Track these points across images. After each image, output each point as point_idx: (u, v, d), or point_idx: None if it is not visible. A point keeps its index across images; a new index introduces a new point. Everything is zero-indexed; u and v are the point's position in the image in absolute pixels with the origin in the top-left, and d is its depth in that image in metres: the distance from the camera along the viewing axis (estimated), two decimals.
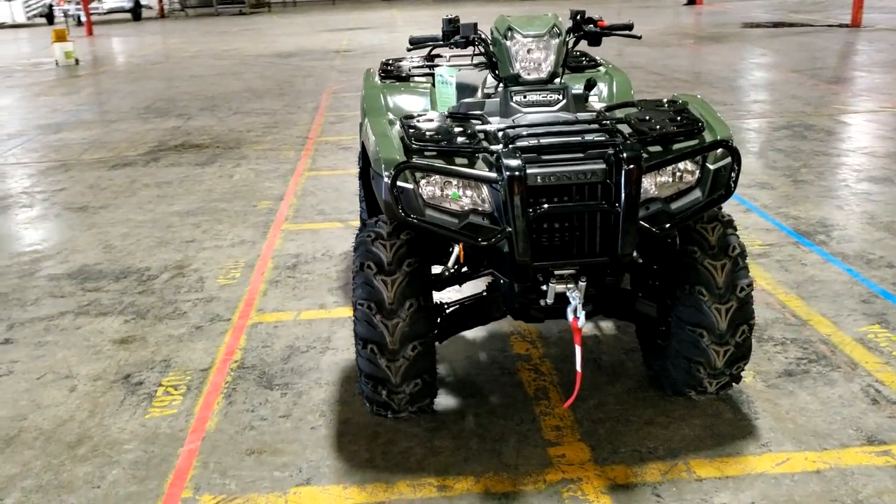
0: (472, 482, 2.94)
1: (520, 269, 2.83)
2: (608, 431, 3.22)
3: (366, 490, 2.92)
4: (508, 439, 3.19)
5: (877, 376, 3.53)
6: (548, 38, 3.20)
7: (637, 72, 12.77)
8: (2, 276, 5.15)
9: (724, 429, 3.21)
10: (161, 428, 3.37)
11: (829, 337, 3.90)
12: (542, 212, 2.74)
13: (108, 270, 5.19)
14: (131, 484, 3.01)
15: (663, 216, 2.86)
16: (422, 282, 3.05)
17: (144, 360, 3.97)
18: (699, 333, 3.07)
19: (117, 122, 10.46)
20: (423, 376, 3.07)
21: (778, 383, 3.52)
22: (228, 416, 3.44)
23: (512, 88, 3.20)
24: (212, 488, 2.97)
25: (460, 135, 2.91)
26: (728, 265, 3.06)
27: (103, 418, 3.46)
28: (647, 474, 2.95)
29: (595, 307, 3.14)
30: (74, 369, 3.90)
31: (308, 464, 3.09)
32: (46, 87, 13.98)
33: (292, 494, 2.92)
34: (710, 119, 3.04)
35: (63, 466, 3.14)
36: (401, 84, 4.27)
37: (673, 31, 18.60)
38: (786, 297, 4.36)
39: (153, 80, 14.43)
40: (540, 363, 3.78)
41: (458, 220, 2.84)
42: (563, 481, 2.93)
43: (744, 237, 5.18)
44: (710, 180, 2.89)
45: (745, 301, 3.07)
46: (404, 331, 2.98)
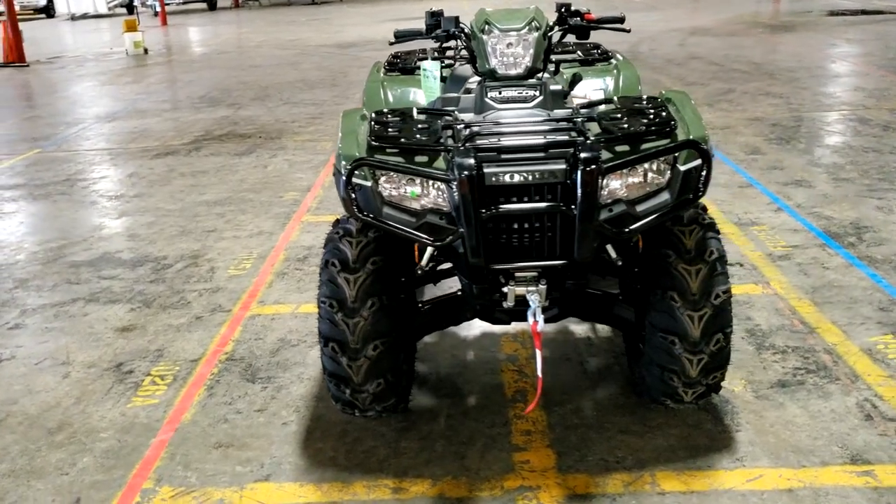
0: (428, 485, 2.89)
1: (474, 271, 2.76)
2: (579, 438, 3.13)
3: (321, 489, 2.90)
4: (476, 442, 3.13)
5: (877, 390, 3.34)
6: (525, 32, 3.09)
7: (696, 62, 12.43)
8: (27, 262, 5.32)
9: (701, 440, 3.08)
10: (139, 417, 3.42)
11: (834, 346, 3.71)
12: (496, 213, 2.67)
13: (126, 259, 5.30)
14: (98, 472, 3.06)
15: (628, 218, 2.74)
16: (387, 280, 3.01)
17: (140, 349, 4.04)
18: (671, 340, 2.94)
19: (170, 111, 10.70)
20: (386, 376, 3.03)
21: (769, 394, 3.36)
22: (206, 408, 3.47)
23: (487, 84, 3.12)
24: (172, 480, 2.99)
25: (423, 132, 2.85)
26: (704, 270, 2.92)
27: (87, 406, 3.53)
28: (609, 485, 2.85)
29: (563, 310, 3.05)
30: (72, 356, 4.00)
31: (271, 460, 3.09)
32: (112, 77, 14.41)
33: (248, 490, 2.92)
34: (687, 118, 2.90)
35: (39, 452, 3.21)
36: (404, 77, 4.21)
37: (745, 20, 18.04)
38: (798, 303, 4.16)
39: (214, 69, 14.72)
40: (525, 364, 3.69)
41: (416, 220, 2.78)
42: (520, 488, 2.85)
43: (768, 238, 4.99)
44: (679, 182, 2.76)
45: (722, 308, 2.93)
46: (366, 330, 2.95)
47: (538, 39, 3.11)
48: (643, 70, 12.04)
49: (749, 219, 5.43)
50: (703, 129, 2.83)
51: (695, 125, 2.85)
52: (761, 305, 4.15)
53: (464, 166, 2.62)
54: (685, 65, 12.28)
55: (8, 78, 14.96)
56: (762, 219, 5.42)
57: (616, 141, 2.74)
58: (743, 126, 8.12)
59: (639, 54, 13.70)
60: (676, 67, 12.08)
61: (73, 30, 27.02)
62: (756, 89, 9.99)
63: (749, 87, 10.18)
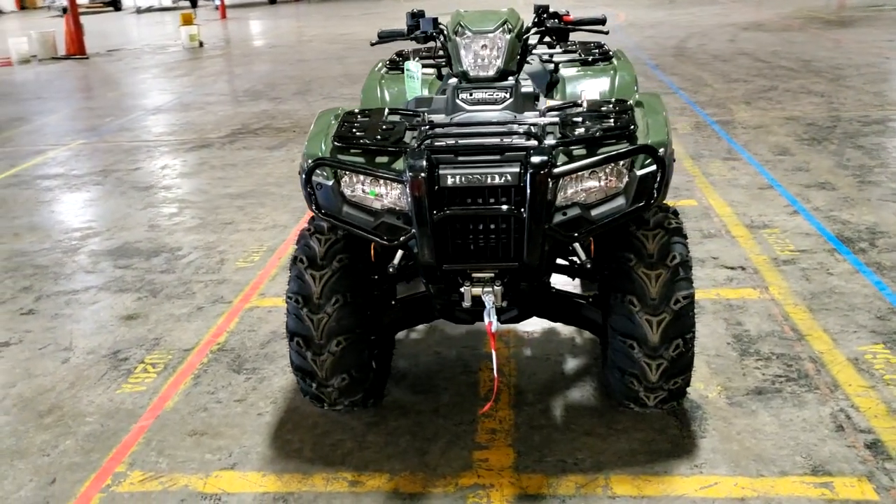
0: (385, 480, 2.95)
1: (428, 271, 2.81)
2: (542, 438, 3.15)
3: (282, 479, 2.99)
4: (440, 439, 3.17)
5: (854, 401, 3.27)
6: (498, 34, 3.12)
7: (743, 58, 12.19)
8: (50, 250, 5.54)
9: (663, 445, 3.06)
10: (125, 403, 3.56)
11: (821, 355, 3.64)
12: (446, 214, 2.70)
13: (144, 249, 5.48)
14: (77, 455, 3.20)
15: (582, 222, 2.75)
16: (354, 278, 3.07)
17: (139, 337, 4.19)
18: (630, 345, 2.93)
19: (214, 104, 10.95)
20: (350, 371, 3.09)
21: (742, 401, 3.32)
22: (189, 396, 3.59)
23: (459, 85, 3.15)
24: (144, 465, 3.11)
25: (386, 133, 2.90)
26: (665, 275, 2.90)
27: (79, 390, 3.69)
28: (561, 486, 2.86)
29: (523, 311, 3.07)
30: (75, 342, 4.17)
31: (240, 449, 3.18)
32: (165, 69, 14.80)
33: (213, 477, 3.02)
34: (652, 123, 2.89)
35: (26, 433, 3.37)
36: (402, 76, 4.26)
37: (805, 15, 17.59)
38: (793, 309, 4.09)
39: (263, 63, 14.99)
40: (505, 363, 3.72)
41: (374, 219, 2.83)
42: (474, 486, 2.89)
43: (777, 242, 4.91)
44: (634, 187, 2.75)
45: (682, 314, 2.90)
46: (330, 326, 3.01)
47: (511, 41, 3.13)
48: (687, 66, 11.91)
49: (762, 221, 5.34)
50: (664, 135, 2.82)
51: (657, 130, 2.84)
52: (754, 311, 4.09)
53: (415, 167, 2.66)
54: (731, 61, 12.05)
55: (67, 70, 15.49)
56: (775, 222, 5.32)
57: (570, 145, 2.75)
58: (777, 125, 7.95)
59: (685, 50, 13.50)
60: (721, 63, 11.86)
61: (138, 23, 27.78)
62: (799, 87, 9.76)
63: (792, 84, 9.95)
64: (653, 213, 3.04)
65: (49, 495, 2.96)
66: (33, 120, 10.49)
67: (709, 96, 9.57)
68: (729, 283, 4.44)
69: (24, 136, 9.48)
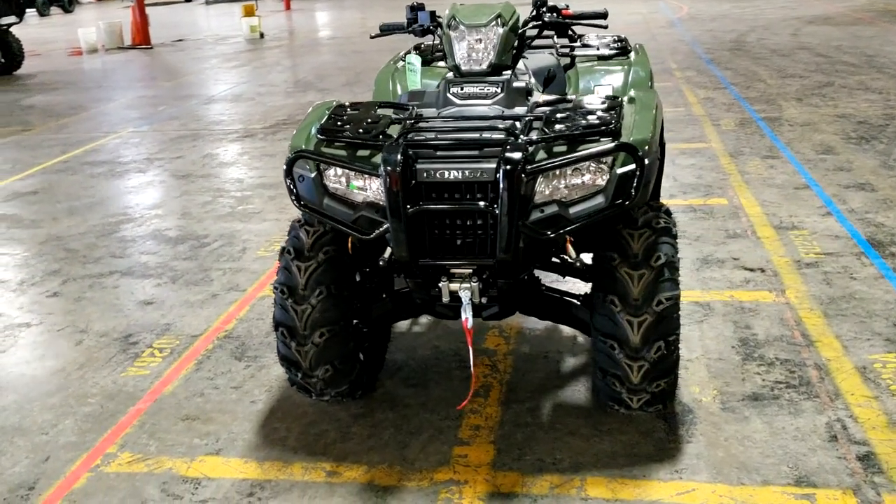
0: (362, 472, 2.97)
1: (403, 265, 2.81)
2: (525, 437, 3.12)
3: (262, 467, 3.03)
4: (422, 433, 3.18)
5: (854, 411, 3.16)
6: (491, 28, 3.09)
7: (803, 53, 11.83)
8: (84, 235, 5.71)
9: (646, 448, 3.01)
10: (127, 386, 3.65)
11: (827, 362, 3.52)
12: (420, 209, 2.69)
13: (172, 236, 5.61)
14: (74, 435, 3.30)
15: (560, 220, 2.71)
16: (340, 270, 3.09)
17: (151, 321, 4.30)
18: (611, 345, 2.89)
19: (264, 95, 11.13)
20: (333, 363, 3.12)
21: (736, 407, 3.23)
22: (189, 381, 3.66)
23: (451, 79, 3.14)
24: (134, 447, 3.19)
25: (371, 126, 2.90)
26: (648, 276, 2.84)
27: (87, 372, 3.80)
28: (535, 486, 2.84)
29: (505, 308, 3.04)
30: (91, 325, 4.30)
31: (228, 435, 3.24)
32: (223, 60, 15.08)
33: (197, 462, 3.08)
34: (639, 120, 2.83)
35: (31, 411, 3.49)
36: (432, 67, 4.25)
37: (877, 8, 16.96)
38: (807, 314, 3.96)
39: (318, 54, 15.16)
40: (502, 360, 3.70)
41: (354, 213, 2.85)
42: (449, 482, 2.88)
43: (804, 244, 4.77)
44: (614, 186, 2.69)
45: (664, 316, 2.84)
46: (314, 317, 3.04)
47: (504, 35, 3.10)
48: (742, 60, 11.61)
49: (792, 222, 5.18)
50: (648, 133, 2.76)
51: (641, 128, 2.78)
52: (766, 314, 3.98)
53: (389, 161, 2.67)
54: (790, 56, 11.71)
55: (130, 60, 15.92)
56: (805, 223, 5.15)
57: (547, 141, 2.71)
58: (826, 123, 7.69)
59: (744, 44, 13.16)
60: (780, 58, 11.53)
61: (206, 14, 28.35)
62: (857, 84, 9.42)
63: (850, 81, 9.61)
64: (642, 211, 2.98)
65: (41, 472, 3.07)
66: (91, 108, 10.82)
67: (760, 92, 9.32)
68: (745, 284, 4.32)
69: (81, 124, 9.79)
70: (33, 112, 10.77)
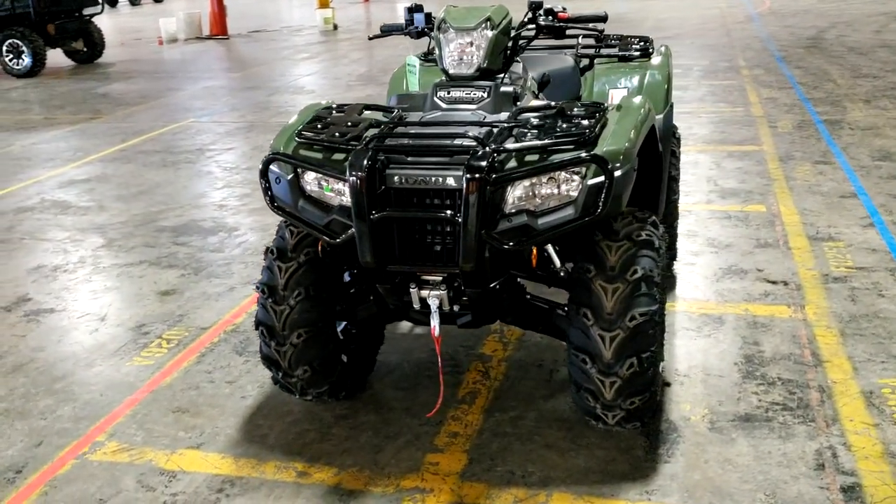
0: (331, 474, 2.98)
1: (369, 271, 2.79)
2: (501, 447, 3.08)
3: (237, 463, 3.07)
4: (399, 438, 3.17)
5: (849, 438, 3.00)
6: (480, 31, 3.05)
7: (883, 51, 11.31)
8: (124, 224, 5.90)
9: (622, 466, 2.93)
10: (129, 376, 3.76)
11: (833, 384, 3.35)
12: (384, 215, 2.68)
13: (205, 227, 5.73)
14: (69, 422, 3.41)
15: (528, 231, 2.65)
16: (321, 272, 3.10)
17: (166, 312, 4.40)
18: (583, 359, 2.81)
19: (326, 87, 11.27)
20: (312, 364, 3.13)
21: (725, 427, 3.11)
22: (187, 374, 3.74)
23: (439, 83, 3.11)
24: (122, 437, 3.28)
25: (349, 129, 2.90)
26: (623, 290, 2.76)
27: (95, 360, 3.92)
28: (499, 499, 2.79)
29: (479, 317, 2.99)
30: (109, 314, 4.43)
31: (212, 429, 3.30)
32: (294, 52, 15.33)
33: (177, 455, 3.14)
34: (616, 129, 2.75)
35: (36, 396, 3.63)
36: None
37: None
38: (823, 332, 3.78)
39: (388, 48, 15.21)
40: (495, 366, 3.65)
41: (326, 216, 2.85)
42: (414, 489, 2.87)
43: (836, 256, 4.57)
44: (584, 197, 2.62)
45: (638, 332, 2.75)
46: (293, 318, 3.06)
47: (493, 39, 3.06)
48: (816, 59, 11.16)
49: (829, 233, 4.96)
50: (622, 144, 2.67)
51: (616, 138, 2.70)
52: (779, 330, 3.81)
53: (355, 165, 2.66)
54: (868, 54, 11.20)
55: (205, 50, 16.35)
56: (843, 234, 4.92)
57: (518, 151, 2.66)
58: (891, 128, 7.33)
59: (821, 41, 12.65)
60: (856, 57, 11.04)
61: (289, 5, 28.86)
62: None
63: None
64: (626, 222, 2.90)
65: (31, 457, 3.18)
66: (159, 97, 11.15)
67: (826, 93, 8.94)
68: (763, 298, 4.16)
69: (146, 113, 10.10)
70: (105, 100, 11.17)
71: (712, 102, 8.84)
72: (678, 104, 8.78)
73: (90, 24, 14.66)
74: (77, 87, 12.40)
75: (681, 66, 11.10)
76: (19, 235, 5.76)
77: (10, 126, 9.76)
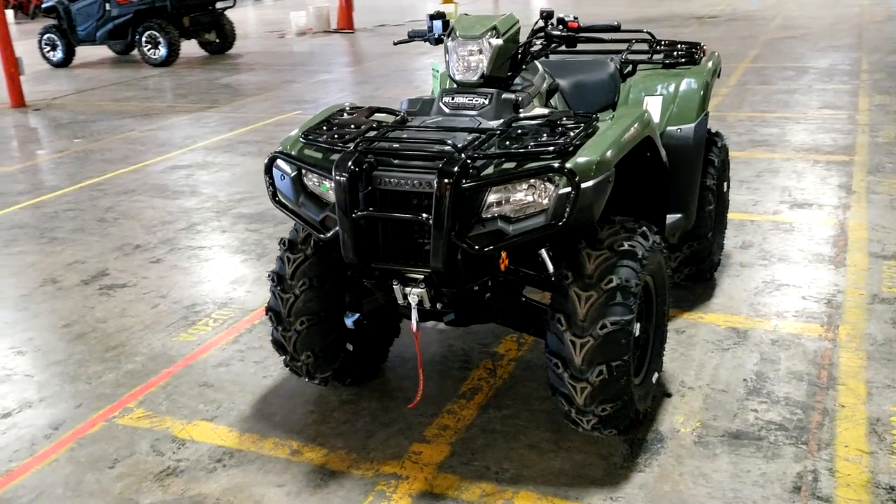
0: (322, 454, 3.17)
1: (353, 267, 2.96)
2: (485, 443, 3.18)
3: (241, 437, 3.32)
4: (393, 426, 3.32)
5: (836, 464, 2.92)
6: (485, 40, 3.15)
7: None
8: (207, 210, 6.32)
9: (595, 472, 2.97)
10: (172, 350, 4.09)
11: (840, 408, 3.26)
12: (364, 214, 2.83)
13: (278, 216, 6.04)
14: (109, 387, 3.77)
15: (499, 236, 2.74)
16: (328, 264, 3.29)
17: (222, 294, 4.73)
18: (555, 363, 2.88)
19: (430, 84, 11.50)
20: (314, 350, 3.32)
21: (712, 442, 3.09)
22: (223, 352, 4.03)
23: (446, 88, 3.24)
24: (149, 405, 3.60)
25: (349, 131, 3.07)
26: (597, 298, 2.80)
27: (147, 333, 4.28)
28: (467, 492, 2.90)
29: (464, 316, 3.10)
30: (171, 292, 4.81)
31: (229, 404, 3.56)
32: (412, 46, 15.64)
33: (191, 425, 3.42)
34: (598, 140, 2.79)
35: (88, 363, 4.01)
36: None
37: None
38: (848, 354, 3.65)
39: None
40: (504, 365, 3.75)
41: (322, 213, 3.03)
42: (391, 475, 3.02)
43: (893, 276, 4.38)
44: (553, 205, 2.68)
45: (609, 340, 2.79)
46: (297, 306, 3.27)
47: (499, 47, 3.15)
48: None
49: (894, 251, 4.73)
50: (596, 155, 2.72)
51: (593, 150, 2.74)
52: (802, 349, 3.71)
53: (338, 166, 2.83)
54: None
55: (330, 43, 16.95)
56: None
57: (490, 158, 2.75)
58: None
59: None
60: None
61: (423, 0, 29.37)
62: None
63: None
64: (612, 231, 2.94)
65: (69, 416, 3.54)
66: (275, 89, 11.72)
67: None
68: (798, 315, 4.04)
69: (259, 104, 10.66)
70: (225, 91, 11.85)
71: (817, 107, 8.47)
72: (780, 109, 8.52)
73: (222, 17, 15.53)
74: (203, 77, 13.20)
75: (795, 69, 10.67)
76: (115, 215, 6.28)
77: (137, 112, 10.54)
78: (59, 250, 5.57)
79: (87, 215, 6.32)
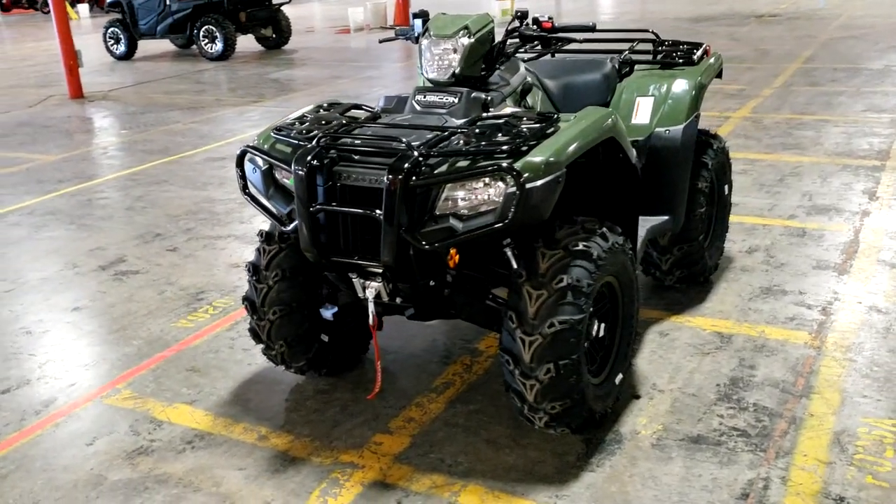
0: (286, 441, 3.26)
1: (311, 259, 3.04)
2: (445, 436, 3.23)
3: (215, 421, 3.43)
4: (360, 416, 3.40)
5: (791, 473, 2.89)
6: (457, 39, 3.20)
7: None
8: (231, 201, 6.49)
9: (547, 469, 3.00)
10: (168, 335, 4.24)
11: (808, 417, 3.21)
12: (320, 208, 2.90)
13: None
14: (104, 368, 3.93)
15: (451, 233, 2.78)
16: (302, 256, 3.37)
17: (227, 282, 4.88)
18: (506, 360, 2.91)
19: None
20: (286, 339, 3.42)
21: (669, 446, 3.08)
22: (216, 338, 4.17)
23: (420, 87, 3.29)
24: (136, 387, 3.75)
25: (319, 127, 3.15)
26: (547, 297, 2.82)
27: (148, 318, 4.45)
28: (417, 483, 2.96)
29: (424, 311, 3.15)
30: (180, 280, 4.97)
31: (210, 389, 3.69)
32: None
33: (171, 408, 3.56)
34: (550, 141, 2.81)
35: (91, 344, 4.19)
36: None
37: None
38: (830, 363, 3.58)
39: None
40: (482, 361, 3.78)
41: (288, 206, 3.12)
42: (348, 464, 3.09)
43: (894, 285, 4.27)
44: (502, 204, 2.71)
45: (557, 339, 2.81)
46: (270, 297, 3.37)
47: (470, 46, 3.20)
48: None
49: None
50: (545, 155, 2.74)
51: (544, 150, 2.77)
52: (784, 357, 3.66)
53: (297, 161, 2.91)
54: None
55: None
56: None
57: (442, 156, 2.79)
58: None
59: None
60: None
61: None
62: None
63: None
64: (570, 232, 2.96)
65: (62, 394, 3.71)
66: (320, 84, 11.92)
67: None
68: (788, 322, 3.97)
69: (301, 98, 10.86)
70: (273, 85, 12.10)
71: (860, 110, 8.24)
72: (820, 111, 8.30)
73: (279, 13, 15.83)
74: (255, 72, 13.49)
75: (847, 70, 10.38)
76: (143, 204, 6.51)
77: (185, 105, 10.85)
78: (84, 237, 5.81)
79: (117, 204, 6.57)
